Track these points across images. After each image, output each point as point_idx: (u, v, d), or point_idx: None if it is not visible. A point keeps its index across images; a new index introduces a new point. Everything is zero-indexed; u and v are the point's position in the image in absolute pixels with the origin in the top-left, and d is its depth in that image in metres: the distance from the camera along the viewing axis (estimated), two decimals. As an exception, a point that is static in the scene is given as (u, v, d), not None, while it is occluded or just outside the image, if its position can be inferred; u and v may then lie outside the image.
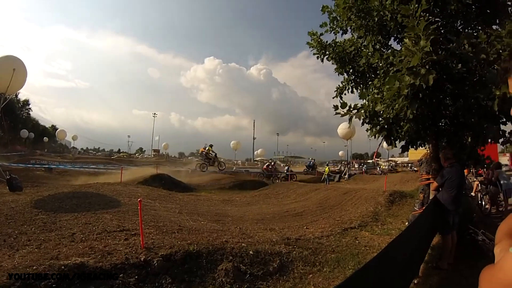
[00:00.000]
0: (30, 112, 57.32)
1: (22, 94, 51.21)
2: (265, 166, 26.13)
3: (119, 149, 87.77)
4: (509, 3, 5.47)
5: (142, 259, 4.09)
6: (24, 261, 3.82)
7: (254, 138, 76.27)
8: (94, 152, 77.02)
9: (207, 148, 22.16)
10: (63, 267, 3.63)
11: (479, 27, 5.53)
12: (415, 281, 4.17)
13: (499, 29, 4.74)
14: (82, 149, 75.54)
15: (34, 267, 3.58)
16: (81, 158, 44.21)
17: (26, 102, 54.86)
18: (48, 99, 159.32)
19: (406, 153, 43.36)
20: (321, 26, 6.49)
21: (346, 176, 26.79)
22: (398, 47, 5.79)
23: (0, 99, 10.99)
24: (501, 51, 4.25)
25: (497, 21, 5.50)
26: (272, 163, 26.65)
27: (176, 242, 4.77)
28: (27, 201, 7.15)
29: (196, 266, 4.25)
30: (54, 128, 64.26)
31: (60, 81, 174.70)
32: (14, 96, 38.17)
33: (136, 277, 3.82)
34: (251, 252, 4.71)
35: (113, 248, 4.38)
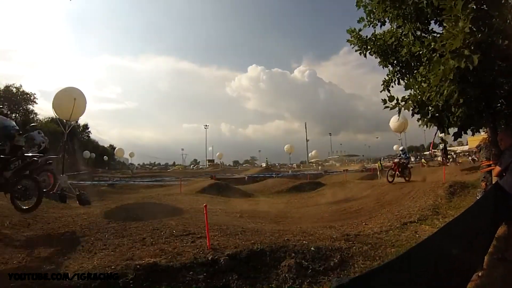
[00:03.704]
0: (90, 135, 62.43)
1: (81, 120, 55.86)
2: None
3: (174, 162, 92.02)
4: None
5: (209, 258, 4.40)
6: (102, 262, 4.29)
7: (307, 140, 75.11)
8: (150, 167, 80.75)
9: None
10: (138, 266, 4.05)
11: None
12: (479, 274, 3.93)
13: None
14: (138, 164, 78.73)
15: (112, 267, 4.05)
16: (139, 173, 46.71)
17: (86, 126, 59.88)
18: (103, 121, 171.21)
19: (465, 140, 39.88)
20: (358, 21, 6.42)
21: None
22: (440, 30, 5.62)
23: (65, 126, 12.49)
24: None
25: None
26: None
27: (240, 243, 5.04)
28: (97, 212, 7.81)
29: (260, 264, 4.47)
30: (112, 147, 69.20)
31: (112, 104, 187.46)
32: (75, 123, 41.82)
33: (204, 274, 4.13)
34: (312, 248, 4.83)
35: (181, 250, 4.75)
